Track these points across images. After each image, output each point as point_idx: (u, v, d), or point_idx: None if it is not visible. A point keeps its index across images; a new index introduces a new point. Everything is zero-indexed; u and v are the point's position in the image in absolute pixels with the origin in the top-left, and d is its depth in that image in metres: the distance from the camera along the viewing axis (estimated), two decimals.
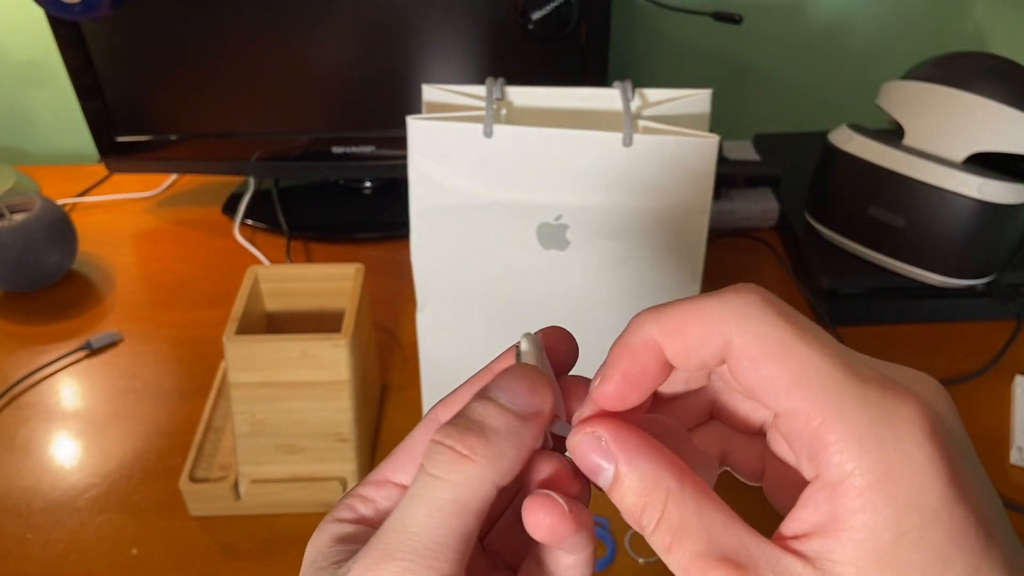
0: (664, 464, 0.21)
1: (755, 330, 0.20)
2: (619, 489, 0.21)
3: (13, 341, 0.75)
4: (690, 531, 0.20)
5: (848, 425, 0.19)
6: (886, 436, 0.19)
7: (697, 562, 0.20)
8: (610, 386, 0.22)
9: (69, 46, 0.78)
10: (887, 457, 0.19)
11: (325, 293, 0.63)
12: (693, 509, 0.20)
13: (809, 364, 0.20)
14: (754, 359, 0.20)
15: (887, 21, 0.98)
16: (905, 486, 0.19)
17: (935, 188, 0.68)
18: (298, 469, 0.58)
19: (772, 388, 0.20)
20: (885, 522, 0.19)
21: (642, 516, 0.21)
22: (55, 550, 0.57)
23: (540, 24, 0.71)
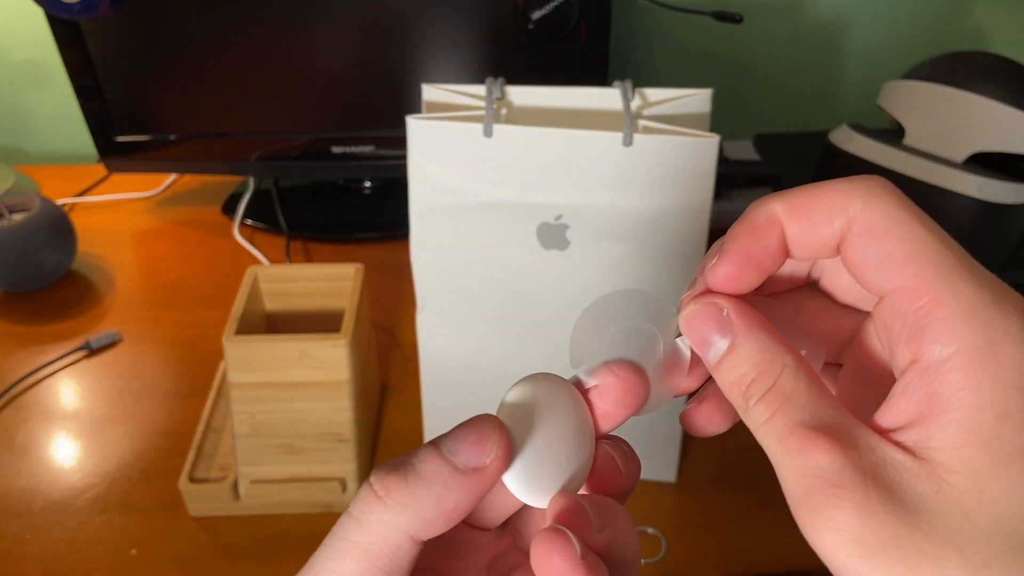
0: (781, 340, 0.21)
1: (880, 208, 0.20)
2: (733, 358, 0.21)
3: (12, 341, 0.74)
4: (797, 402, 0.20)
5: (960, 302, 0.19)
6: (996, 317, 0.18)
7: (798, 430, 0.19)
8: (730, 265, 0.22)
9: (68, 46, 0.77)
10: (995, 336, 0.18)
11: (325, 293, 0.63)
12: (804, 384, 0.20)
13: (927, 245, 0.20)
14: (876, 235, 0.20)
15: (888, 21, 0.97)
16: (1011, 366, 0.18)
17: (936, 188, 0.68)
18: (298, 469, 0.58)
19: (887, 265, 0.20)
20: (989, 400, 0.18)
21: (752, 385, 0.21)
22: (54, 550, 0.56)
23: (540, 24, 0.71)
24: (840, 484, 0.18)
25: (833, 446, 0.19)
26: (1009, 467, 0.18)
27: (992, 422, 0.18)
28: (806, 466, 0.19)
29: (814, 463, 0.19)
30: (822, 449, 0.19)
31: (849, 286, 0.24)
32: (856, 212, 0.20)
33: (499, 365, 0.58)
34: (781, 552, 0.56)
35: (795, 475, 0.19)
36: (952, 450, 0.18)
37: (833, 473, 0.18)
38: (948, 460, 0.18)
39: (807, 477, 0.19)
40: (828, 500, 0.18)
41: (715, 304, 0.22)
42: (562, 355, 0.61)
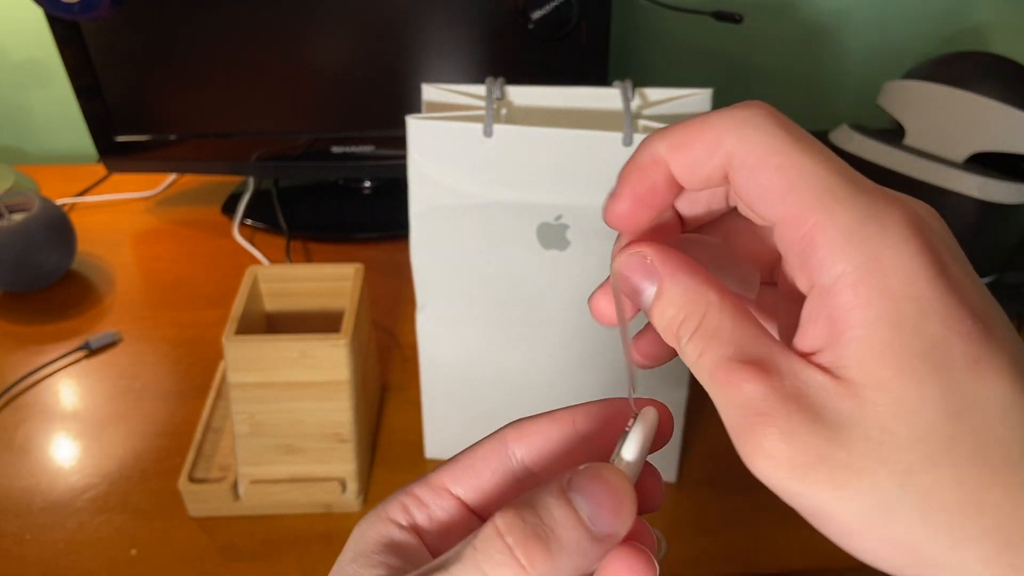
0: (704, 279, 0.21)
1: (755, 139, 0.20)
2: (661, 303, 0.22)
3: (12, 341, 0.74)
4: (723, 337, 0.20)
5: (837, 224, 0.19)
6: (873, 233, 0.19)
7: (724, 363, 0.20)
8: (620, 204, 0.23)
9: (68, 46, 0.77)
10: (875, 251, 0.19)
11: (325, 293, 0.63)
12: (729, 318, 0.21)
13: (804, 171, 0.20)
14: (751, 168, 0.20)
15: (888, 20, 0.97)
16: (895, 277, 0.19)
17: (936, 188, 0.68)
18: (297, 470, 0.58)
19: (768, 196, 0.20)
20: (879, 313, 0.18)
21: (680, 327, 0.21)
22: (54, 550, 0.56)
23: (540, 23, 0.71)
24: (765, 411, 0.19)
25: (757, 376, 0.19)
26: (913, 374, 0.18)
27: (888, 334, 0.18)
28: (735, 398, 0.20)
29: (741, 394, 0.19)
30: (747, 379, 0.19)
31: None
32: (732, 145, 0.20)
33: (499, 365, 0.58)
34: (781, 552, 0.56)
35: (727, 408, 0.20)
36: (859, 367, 0.19)
37: (758, 401, 0.19)
38: (859, 377, 0.19)
39: (737, 408, 0.19)
40: (756, 428, 0.19)
41: (639, 253, 0.22)
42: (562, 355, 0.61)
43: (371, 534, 0.23)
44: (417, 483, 0.24)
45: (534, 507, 0.20)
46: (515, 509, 0.20)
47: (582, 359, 0.56)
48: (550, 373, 0.58)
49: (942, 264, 0.19)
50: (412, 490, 0.24)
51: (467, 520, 0.24)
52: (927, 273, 0.19)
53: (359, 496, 0.59)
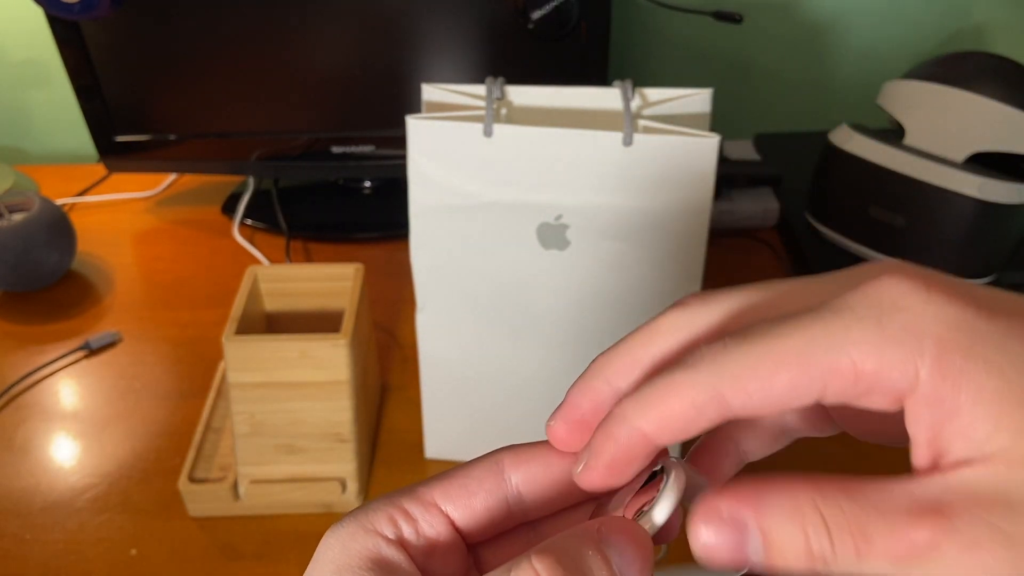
0: (779, 484, 0.19)
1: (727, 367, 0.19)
2: (776, 539, 0.18)
3: (12, 341, 0.74)
4: (862, 519, 0.18)
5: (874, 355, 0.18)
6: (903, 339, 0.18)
7: (883, 536, 0.17)
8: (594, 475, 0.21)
9: (68, 45, 0.77)
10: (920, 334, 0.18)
11: (325, 293, 0.63)
12: (843, 496, 0.18)
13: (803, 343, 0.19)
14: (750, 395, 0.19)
15: (888, 20, 0.97)
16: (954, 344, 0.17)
17: (936, 188, 0.68)
18: (297, 470, 0.58)
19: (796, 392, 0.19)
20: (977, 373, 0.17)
21: (810, 540, 0.18)
22: (54, 550, 0.56)
23: (540, 23, 0.71)
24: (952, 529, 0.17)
25: (927, 514, 0.17)
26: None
27: (1002, 386, 0.17)
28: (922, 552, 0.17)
29: (922, 540, 0.17)
30: (920, 525, 0.17)
31: None
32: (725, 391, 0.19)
33: (499, 364, 0.58)
34: None
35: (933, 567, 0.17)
36: (1000, 433, 0.17)
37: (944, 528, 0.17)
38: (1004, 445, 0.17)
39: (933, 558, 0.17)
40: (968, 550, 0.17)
41: (712, 513, 0.19)
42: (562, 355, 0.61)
43: (356, 547, 0.22)
44: (406, 495, 0.23)
45: (570, 553, 0.19)
46: (553, 552, 0.19)
47: (582, 359, 0.56)
48: (550, 373, 0.58)
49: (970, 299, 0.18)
50: (400, 502, 0.23)
51: (454, 542, 0.23)
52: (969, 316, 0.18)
53: (359, 496, 0.59)
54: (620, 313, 0.56)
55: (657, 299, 0.55)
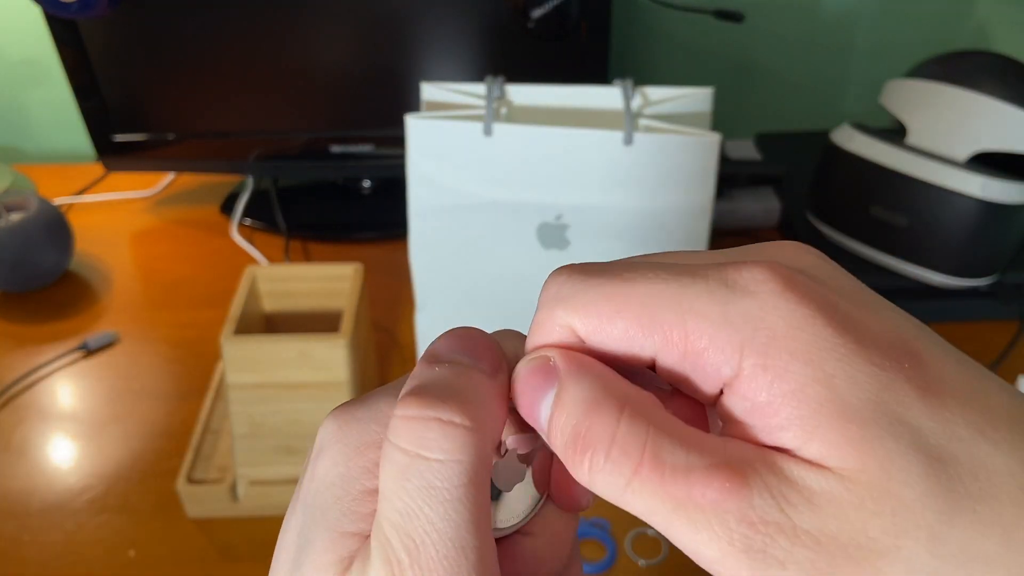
0: (615, 376, 0.18)
1: (581, 306, 0.19)
2: (561, 409, 0.17)
3: (10, 341, 0.74)
4: (660, 442, 0.16)
5: (707, 321, 0.17)
6: (745, 309, 0.17)
7: (682, 476, 0.16)
8: None
9: (66, 45, 0.77)
10: (758, 325, 0.16)
11: (324, 293, 0.63)
12: (660, 417, 0.17)
13: (635, 294, 0.18)
14: (599, 328, 0.18)
15: (890, 19, 0.97)
16: (793, 339, 0.16)
17: (938, 187, 0.68)
18: (296, 471, 0.57)
19: (632, 339, 0.18)
20: (802, 379, 0.16)
21: (587, 437, 0.17)
22: (52, 552, 0.56)
23: (540, 22, 0.71)
24: (761, 522, 0.16)
25: (733, 481, 0.16)
26: (875, 418, 0.16)
27: (824, 393, 0.16)
28: (714, 515, 0.16)
29: (719, 507, 0.16)
30: (723, 491, 0.16)
31: None
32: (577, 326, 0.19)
33: None
34: None
35: (700, 527, 0.16)
36: (814, 442, 0.16)
37: (745, 511, 0.16)
38: (819, 452, 0.16)
39: (722, 529, 0.16)
40: (754, 539, 0.16)
41: (541, 355, 0.18)
42: None
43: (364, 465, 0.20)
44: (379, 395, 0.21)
45: (422, 381, 0.19)
46: (410, 392, 0.19)
47: None
48: None
49: (830, 308, 0.17)
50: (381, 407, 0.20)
51: None
52: (814, 311, 0.17)
53: None
54: None
55: None
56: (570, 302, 0.19)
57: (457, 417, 0.18)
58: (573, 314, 0.18)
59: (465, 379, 0.19)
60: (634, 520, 0.57)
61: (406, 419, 0.18)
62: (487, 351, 0.19)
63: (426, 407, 0.18)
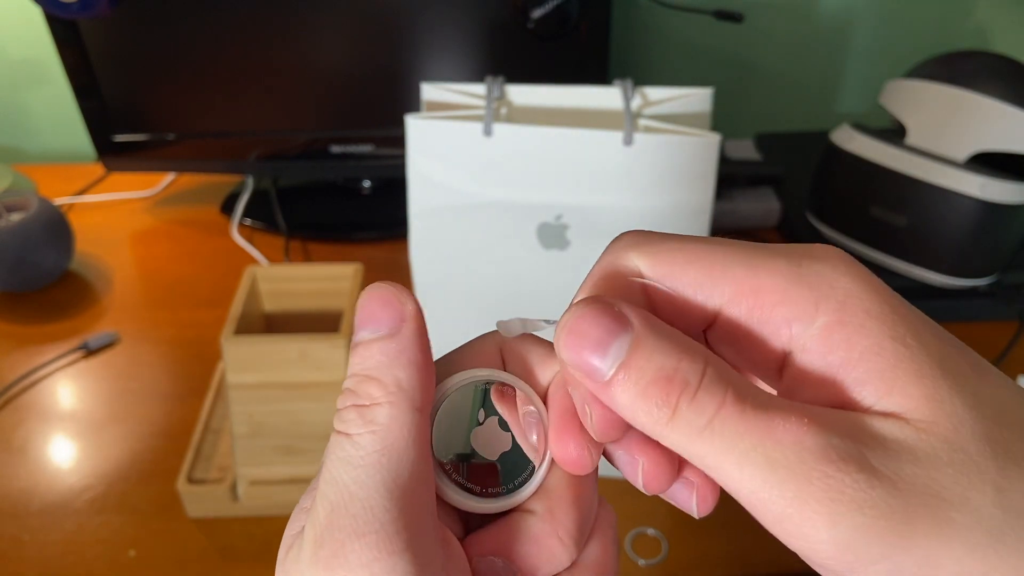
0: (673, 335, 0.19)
1: (655, 252, 0.20)
2: (641, 355, 0.18)
3: (10, 341, 0.74)
4: (740, 386, 0.17)
5: (782, 277, 0.18)
6: (819, 271, 0.18)
7: (763, 414, 0.17)
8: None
9: (66, 45, 0.77)
10: (834, 286, 0.18)
11: (324, 293, 0.63)
12: (731, 371, 0.18)
13: (716, 254, 0.19)
14: (671, 273, 0.20)
15: (889, 20, 0.97)
16: (868, 301, 0.18)
17: (937, 188, 0.68)
18: (297, 470, 0.57)
19: (702, 288, 0.19)
20: (880, 335, 0.17)
21: (674, 380, 0.17)
22: (52, 552, 0.56)
23: (540, 22, 0.71)
24: (840, 458, 0.16)
25: (810, 421, 0.17)
26: (945, 378, 0.17)
27: (902, 350, 0.17)
28: (790, 451, 0.17)
29: (799, 444, 0.17)
30: (803, 426, 0.17)
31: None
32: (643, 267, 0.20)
33: None
34: (782, 553, 0.56)
35: (778, 466, 0.16)
36: (892, 394, 0.17)
37: (827, 449, 0.16)
38: (896, 404, 0.17)
39: (797, 464, 0.16)
40: (833, 479, 0.16)
41: (604, 301, 0.19)
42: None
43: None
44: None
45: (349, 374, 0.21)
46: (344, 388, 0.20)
47: None
48: None
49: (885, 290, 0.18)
50: None
51: None
52: (883, 288, 0.18)
53: None
54: None
55: None
56: (644, 247, 0.20)
57: (365, 399, 0.19)
58: (646, 258, 0.20)
59: (368, 358, 0.20)
60: (634, 520, 0.57)
61: (337, 411, 0.20)
62: (384, 311, 0.20)
63: (347, 397, 0.20)
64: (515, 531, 0.21)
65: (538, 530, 0.21)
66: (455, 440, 0.21)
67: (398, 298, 0.20)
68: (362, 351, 0.20)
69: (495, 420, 0.22)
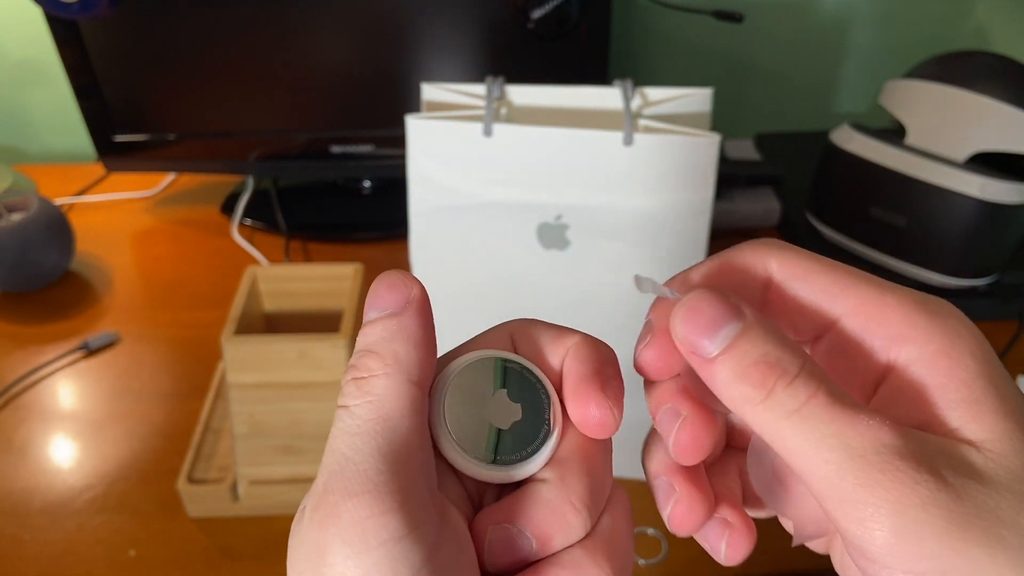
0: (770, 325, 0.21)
1: (790, 256, 0.22)
2: (749, 339, 0.20)
3: (10, 341, 0.74)
4: (832, 382, 0.19)
5: (905, 305, 0.21)
6: (938, 309, 0.21)
7: (851, 408, 0.19)
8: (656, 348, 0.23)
9: (67, 45, 0.77)
10: (949, 324, 0.20)
11: (324, 293, 0.63)
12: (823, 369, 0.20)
13: (850, 271, 0.22)
14: (802, 276, 0.22)
15: (889, 20, 0.97)
16: (973, 342, 0.20)
17: (937, 188, 0.68)
18: (297, 470, 0.58)
19: (829, 294, 0.22)
20: (976, 373, 0.20)
21: (776, 366, 0.19)
22: (53, 551, 0.56)
23: (540, 22, 0.71)
24: (913, 458, 0.18)
25: (892, 423, 0.19)
26: (1019, 424, 0.19)
27: (991, 390, 0.19)
28: (869, 443, 0.18)
29: (878, 440, 0.18)
30: (885, 426, 0.18)
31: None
32: (771, 265, 0.23)
33: None
34: (782, 553, 0.56)
35: (855, 455, 0.18)
36: (973, 423, 0.19)
37: (903, 448, 0.18)
38: (975, 434, 0.19)
39: (873, 455, 0.18)
40: (905, 474, 0.18)
41: (720, 292, 0.21)
42: None
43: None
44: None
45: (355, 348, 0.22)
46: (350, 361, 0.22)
47: None
48: None
49: (987, 344, 0.21)
50: None
51: None
52: (988, 344, 0.20)
53: None
54: (620, 313, 0.55)
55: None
56: (780, 251, 0.22)
57: (363, 372, 0.21)
58: (783, 257, 0.22)
59: (371, 334, 0.21)
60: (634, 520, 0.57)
61: (343, 384, 0.21)
62: (390, 293, 0.22)
63: (348, 372, 0.21)
64: (529, 498, 0.22)
65: (551, 496, 0.22)
66: (467, 412, 0.22)
67: (404, 282, 0.22)
68: (367, 329, 0.22)
69: (504, 393, 0.23)
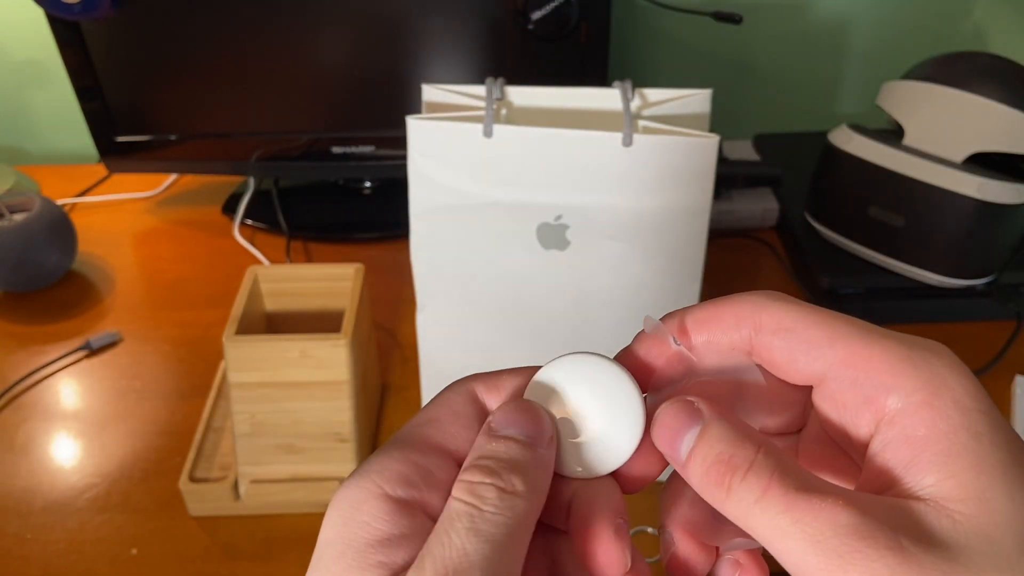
0: (746, 424, 0.22)
1: (781, 308, 0.23)
2: (706, 441, 0.21)
3: (13, 341, 0.74)
4: (788, 470, 0.20)
5: (892, 356, 0.20)
6: (927, 357, 0.20)
7: (804, 495, 0.19)
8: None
9: (69, 46, 0.78)
10: (934, 371, 0.20)
11: (325, 293, 0.63)
12: (784, 455, 0.20)
13: (838, 322, 0.22)
14: (790, 328, 0.22)
15: (887, 21, 0.98)
16: (962, 392, 0.20)
17: (935, 188, 0.68)
18: (298, 469, 0.58)
19: (815, 348, 0.22)
20: (960, 425, 0.19)
21: (730, 463, 0.20)
22: (55, 550, 0.57)
23: (540, 24, 0.71)
24: (871, 535, 0.18)
25: (847, 502, 0.19)
26: (1003, 480, 0.19)
27: (971, 443, 0.19)
28: (826, 527, 0.18)
29: (834, 521, 0.18)
30: (838, 506, 0.19)
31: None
32: (761, 317, 0.23)
33: (499, 364, 0.58)
34: None
35: (814, 541, 0.18)
36: (948, 480, 0.19)
37: (860, 527, 0.18)
38: (948, 492, 0.19)
39: (832, 538, 0.18)
40: (863, 554, 0.18)
41: (685, 399, 0.22)
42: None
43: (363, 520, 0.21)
44: (408, 448, 0.23)
45: (485, 455, 0.22)
46: (475, 465, 0.22)
47: None
48: None
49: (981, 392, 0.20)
50: (409, 456, 0.23)
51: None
52: (981, 391, 0.20)
53: None
54: (620, 313, 0.56)
55: (657, 299, 0.55)
56: (775, 301, 0.23)
57: (508, 486, 0.21)
58: (773, 310, 0.23)
59: (517, 452, 0.22)
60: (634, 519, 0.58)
61: (470, 483, 0.22)
62: (541, 426, 0.23)
63: (487, 476, 0.22)
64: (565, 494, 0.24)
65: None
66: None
67: (546, 417, 0.24)
68: (509, 444, 0.23)
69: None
